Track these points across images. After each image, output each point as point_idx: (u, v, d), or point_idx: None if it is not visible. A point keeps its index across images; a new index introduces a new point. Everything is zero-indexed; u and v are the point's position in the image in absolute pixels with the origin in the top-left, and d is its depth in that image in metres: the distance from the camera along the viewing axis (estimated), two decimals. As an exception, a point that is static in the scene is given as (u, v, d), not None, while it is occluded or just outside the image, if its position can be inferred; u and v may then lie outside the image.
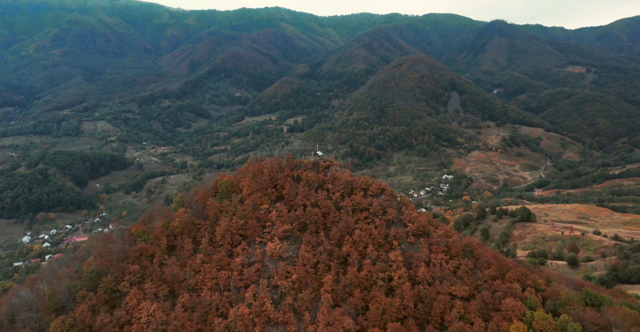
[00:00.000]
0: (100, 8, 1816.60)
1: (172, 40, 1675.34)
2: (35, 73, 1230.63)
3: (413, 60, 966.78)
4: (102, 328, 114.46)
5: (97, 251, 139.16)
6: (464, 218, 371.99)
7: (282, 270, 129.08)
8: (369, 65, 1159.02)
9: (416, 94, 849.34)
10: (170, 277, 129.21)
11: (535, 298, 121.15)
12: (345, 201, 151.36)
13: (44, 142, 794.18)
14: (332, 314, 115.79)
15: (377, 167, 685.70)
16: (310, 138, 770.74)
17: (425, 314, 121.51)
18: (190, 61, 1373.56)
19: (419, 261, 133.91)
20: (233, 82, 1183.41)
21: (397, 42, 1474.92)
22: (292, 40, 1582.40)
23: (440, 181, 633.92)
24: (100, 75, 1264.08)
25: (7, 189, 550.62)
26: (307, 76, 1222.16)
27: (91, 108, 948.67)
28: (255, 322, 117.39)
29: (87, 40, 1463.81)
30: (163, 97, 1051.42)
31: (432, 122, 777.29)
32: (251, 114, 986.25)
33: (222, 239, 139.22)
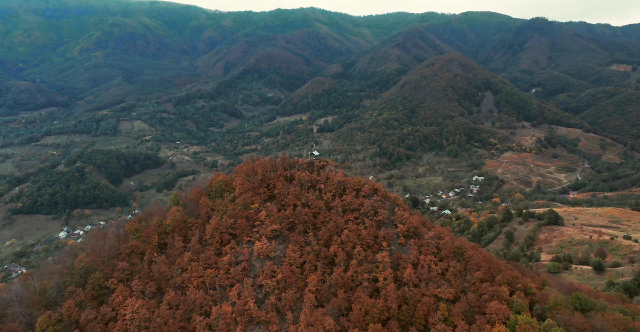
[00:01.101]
0: (141, 11, 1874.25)
1: (208, 41, 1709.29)
2: (78, 74, 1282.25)
3: (446, 59, 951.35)
4: (87, 324, 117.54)
5: (89, 248, 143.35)
6: (488, 220, 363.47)
7: (268, 269, 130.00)
8: (402, 64, 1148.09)
9: (448, 94, 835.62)
10: (157, 274, 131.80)
11: (521, 302, 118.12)
12: (335, 201, 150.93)
13: (83, 141, 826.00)
14: (314, 315, 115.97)
15: (405, 168, 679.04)
16: (340, 138, 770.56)
17: (409, 316, 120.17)
18: (225, 62, 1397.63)
19: (407, 262, 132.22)
20: (266, 83, 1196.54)
21: (432, 41, 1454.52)
22: (325, 41, 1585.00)
23: (470, 182, 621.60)
24: (139, 76, 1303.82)
25: (46, 186, 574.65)
26: (340, 76, 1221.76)
27: (129, 108, 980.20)
28: (238, 321, 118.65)
29: (127, 42, 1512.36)
30: (198, 97, 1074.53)
31: (464, 122, 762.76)
32: (282, 114, 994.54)
33: (212, 237, 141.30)
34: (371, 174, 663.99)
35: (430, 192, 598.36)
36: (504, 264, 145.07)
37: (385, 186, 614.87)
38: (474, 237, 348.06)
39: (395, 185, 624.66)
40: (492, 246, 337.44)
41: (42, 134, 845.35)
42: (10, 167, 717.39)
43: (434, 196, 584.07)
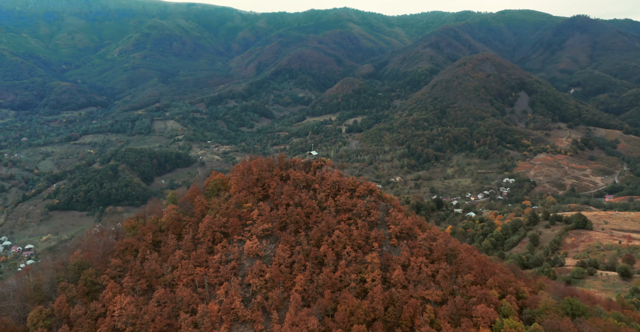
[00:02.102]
0: (178, 13, 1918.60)
1: (242, 42, 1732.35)
2: (117, 75, 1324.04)
3: (479, 59, 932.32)
4: (76, 319, 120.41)
5: (84, 244, 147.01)
6: (513, 223, 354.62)
7: (257, 268, 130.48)
8: (435, 64, 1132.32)
9: (480, 94, 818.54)
10: (148, 272, 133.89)
11: (510, 305, 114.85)
12: (328, 201, 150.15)
13: (119, 140, 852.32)
14: (300, 315, 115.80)
15: (434, 169, 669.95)
16: (368, 138, 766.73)
17: (395, 318, 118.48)
18: (258, 62, 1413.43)
19: (397, 263, 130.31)
20: (297, 83, 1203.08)
21: (467, 40, 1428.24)
22: (358, 41, 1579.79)
23: (500, 184, 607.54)
24: (174, 77, 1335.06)
25: (82, 184, 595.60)
26: (371, 76, 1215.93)
27: (163, 108, 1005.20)
28: (223, 319, 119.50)
29: (164, 43, 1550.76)
30: (230, 97, 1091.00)
31: (496, 123, 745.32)
32: (312, 114, 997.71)
33: (204, 236, 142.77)
34: (398, 174, 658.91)
35: (459, 194, 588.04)
36: (500, 268, 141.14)
37: (412, 187, 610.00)
38: (497, 240, 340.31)
39: (423, 186, 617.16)
40: (515, 249, 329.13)
41: (80, 133, 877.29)
42: (50, 164, 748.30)
43: (462, 197, 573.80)
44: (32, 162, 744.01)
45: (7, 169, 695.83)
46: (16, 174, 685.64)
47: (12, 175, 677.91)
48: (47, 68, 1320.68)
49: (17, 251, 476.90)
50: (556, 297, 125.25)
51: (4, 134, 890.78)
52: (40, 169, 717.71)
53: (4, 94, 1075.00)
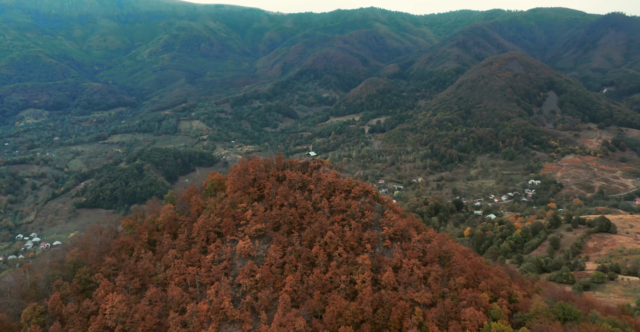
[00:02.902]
0: (207, 14, 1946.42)
1: (269, 43, 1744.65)
2: (146, 76, 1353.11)
3: (505, 58, 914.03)
4: (68, 317, 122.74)
5: (81, 242, 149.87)
6: (533, 226, 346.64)
7: (248, 269, 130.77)
8: (461, 64, 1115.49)
9: (506, 94, 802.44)
10: (142, 271, 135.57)
11: (500, 309, 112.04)
12: (322, 202, 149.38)
13: (146, 139, 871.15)
14: (288, 315, 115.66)
15: (457, 170, 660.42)
16: (390, 139, 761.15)
17: (384, 320, 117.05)
18: (283, 63, 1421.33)
19: (388, 265, 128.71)
20: (322, 83, 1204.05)
21: (495, 39, 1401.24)
22: (384, 40, 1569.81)
23: (525, 186, 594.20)
24: (201, 77, 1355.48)
25: (108, 182, 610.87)
26: (396, 76, 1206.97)
27: (189, 108, 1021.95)
28: (212, 318, 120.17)
29: (192, 44, 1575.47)
30: (254, 98, 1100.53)
31: (523, 123, 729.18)
32: (336, 115, 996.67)
33: (198, 235, 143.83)
34: (420, 175, 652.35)
35: (482, 196, 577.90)
36: (496, 271, 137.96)
37: (434, 188, 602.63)
38: (516, 243, 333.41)
39: (445, 187, 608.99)
40: (535, 252, 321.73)
41: (109, 132, 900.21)
42: (79, 163, 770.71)
43: (485, 199, 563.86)
44: (62, 160, 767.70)
45: (39, 168, 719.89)
46: (47, 172, 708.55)
47: (44, 173, 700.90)
48: (80, 69, 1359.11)
49: (46, 247, 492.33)
50: (550, 301, 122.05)
51: (38, 133, 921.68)
52: (70, 168, 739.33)
53: (39, 94, 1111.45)
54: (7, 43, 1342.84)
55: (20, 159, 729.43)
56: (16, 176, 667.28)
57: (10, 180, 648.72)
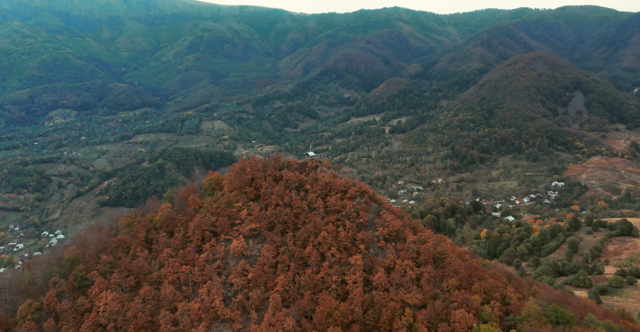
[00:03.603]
0: (231, 15, 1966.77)
1: (291, 43, 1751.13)
2: (171, 77, 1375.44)
3: (530, 57, 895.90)
4: (62, 314, 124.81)
5: (79, 240, 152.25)
6: (552, 229, 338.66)
7: (240, 268, 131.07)
8: (485, 64, 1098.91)
9: (531, 94, 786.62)
10: (136, 269, 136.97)
11: (491, 311, 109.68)
12: (318, 202, 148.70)
13: (169, 139, 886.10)
14: (277, 315, 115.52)
15: (478, 171, 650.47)
16: (411, 139, 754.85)
17: (374, 321, 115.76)
18: (305, 63, 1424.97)
19: (381, 266, 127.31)
20: (343, 83, 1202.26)
21: (521, 38, 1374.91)
22: (407, 40, 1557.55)
23: (548, 187, 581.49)
24: (224, 78, 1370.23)
25: (130, 181, 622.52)
26: (419, 76, 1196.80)
27: (211, 108, 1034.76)
28: (203, 317, 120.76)
29: (216, 45, 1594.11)
30: (276, 98, 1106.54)
31: (547, 124, 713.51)
32: (357, 115, 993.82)
33: (193, 234, 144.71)
34: (440, 176, 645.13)
35: (503, 197, 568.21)
36: (492, 273, 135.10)
37: (454, 189, 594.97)
38: (533, 245, 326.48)
39: (465, 188, 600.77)
40: (553, 255, 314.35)
41: (133, 132, 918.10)
42: (104, 162, 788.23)
43: (506, 201, 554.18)
44: (88, 160, 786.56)
45: (66, 166, 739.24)
46: (73, 171, 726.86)
47: (70, 172, 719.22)
48: (107, 70, 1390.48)
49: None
50: (544, 304, 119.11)
51: (66, 133, 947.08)
52: (95, 167, 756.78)
53: (67, 95, 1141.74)
54: (39, 45, 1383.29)
55: (47, 158, 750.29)
56: (43, 174, 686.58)
57: (38, 178, 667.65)
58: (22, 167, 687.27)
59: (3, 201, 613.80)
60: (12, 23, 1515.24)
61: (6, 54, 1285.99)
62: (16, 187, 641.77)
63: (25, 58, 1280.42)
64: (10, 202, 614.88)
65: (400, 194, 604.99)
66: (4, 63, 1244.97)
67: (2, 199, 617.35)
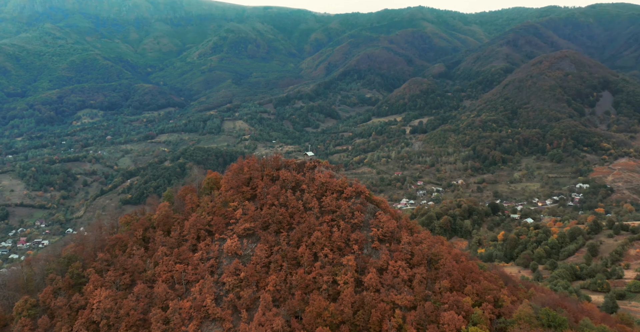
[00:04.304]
0: (255, 16, 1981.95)
1: (314, 43, 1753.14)
2: (195, 77, 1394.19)
3: (556, 57, 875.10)
4: (57, 310, 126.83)
5: (78, 238, 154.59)
6: (571, 231, 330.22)
7: (233, 267, 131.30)
8: (510, 63, 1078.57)
9: (556, 94, 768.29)
10: (131, 267, 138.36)
11: (481, 313, 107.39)
12: (313, 202, 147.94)
13: (191, 138, 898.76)
14: (267, 315, 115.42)
15: (500, 172, 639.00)
16: (431, 140, 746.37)
17: (364, 322, 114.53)
18: (328, 63, 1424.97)
19: (373, 266, 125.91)
20: (365, 83, 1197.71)
21: (549, 37, 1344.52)
22: (430, 40, 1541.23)
23: (572, 189, 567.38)
24: (247, 78, 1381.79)
25: (152, 180, 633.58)
26: (442, 76, 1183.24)
27: (233, 108, 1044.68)
28: (193, 316, 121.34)
29: (240, 46, 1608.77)
30: (297, 98, 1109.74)
31: (573, 124, 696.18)
32: (378, 115, 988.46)
33: (188, 233, 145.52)
34: (461, 177, 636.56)
35: (525, 199, 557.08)
36: (488, 275, 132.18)
37: (474, 190, 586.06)
38: (551, 248, 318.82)
39: (486, 190, 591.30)
40: (571, 259, 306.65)
41: (157, 132, 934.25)
42: (128, 161, 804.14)
43: (528, 203, 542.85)
44: (113, 159, 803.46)
45: (91, 165, 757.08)
46: (98, 169, 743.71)
47: (95, 170, 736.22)
48: (134, 71, 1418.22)
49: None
50: (538, 307, 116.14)
51: (92, 132, 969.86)
52: (119, 166, 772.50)
53: (95, 95, 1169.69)
54: (69, 46, 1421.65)
55: (74, 157, 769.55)
56: (69, 172, 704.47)
57: (64, 176, 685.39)
58: (49, 166, 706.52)
59: (30, 199, 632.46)
60: (44, 25, 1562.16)
61: (38, 55, 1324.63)
62: (43, 185, 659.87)
63: (55, 59, 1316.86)
64: (37, 199, 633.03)
65: (419, 195, 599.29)
66: (36, 64, 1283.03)
67: (30, 197, 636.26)
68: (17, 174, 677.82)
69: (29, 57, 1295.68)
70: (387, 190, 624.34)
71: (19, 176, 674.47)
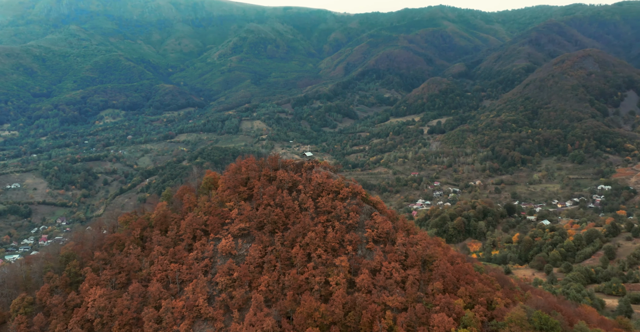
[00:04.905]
0: (275, 17, 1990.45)
1: (334, 43, 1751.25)
2: (214, 77, 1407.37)
3: (579, 55, 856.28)
4: (52, 308, 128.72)
5: (76, 237, 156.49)
6: (588, 234, 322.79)
7: (226, 267, 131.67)
8: (532, 62, 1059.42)
9: (578, 94, 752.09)
10: (127, 266, 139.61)
11: (472, 316, 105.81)
12: (308, 202, 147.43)
13: (209, 138, 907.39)
14: (258, 315, 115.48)
15: (519, 173, 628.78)
16: (449, 140, 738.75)
17: (355, 323, 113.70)
18: (346, 63, 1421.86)
19: (366, 267, 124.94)
20: (383, 83, 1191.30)
21: (573, 36, 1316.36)
22: (451, 39, 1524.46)
23: (593, 191, 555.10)
24: (265, 78, 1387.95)
25: (169, 179, 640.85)
26: (462, 76, 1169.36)
27: (251, 109, 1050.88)
28: (185, 315, 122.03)
29: (259, 46, 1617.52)
30: (315, 98, 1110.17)
31: (595, 125, 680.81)
32: (396, 115, 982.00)
33: (184, 233, 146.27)
34: (479, 178, 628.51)
35: (544, 201, 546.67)
36: (484, 277, 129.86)
37: (492, 191, 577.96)
38: (567, 251, 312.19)
39: (505, 191, 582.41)
40: (587, 262, 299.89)
41: (176, 131, 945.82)
42: (147, 161, 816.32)
43: (548, 204, 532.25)
44: (133, 158, 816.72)
45: (112, 164, 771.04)
46: (118, 168, 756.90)
47: (115, 170, 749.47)
48: (155, 71, 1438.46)
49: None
50: (530, 310, 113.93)
51: (114, 132, 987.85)
52: (139, 165, 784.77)
53: (117, 95, 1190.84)
54: (93, 48, 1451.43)
55: (95, 156, 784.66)
56: (90, 171, 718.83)
57: (85, 175, 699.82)
58: (71, 165, 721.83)
59: (52, 197, 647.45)
60: (70, 27, 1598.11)
61: (63, 56, 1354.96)
62: (65, 183, 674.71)
63: (80, 60, 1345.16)
64: (59, 198, 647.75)
65: (435, 195, 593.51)
66: (61, 65, 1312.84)
67: (52, 195, 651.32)
68: (40, 172, 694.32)
69: (54, 58, 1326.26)
70: (403, 190, 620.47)
71: (42, 174, 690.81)
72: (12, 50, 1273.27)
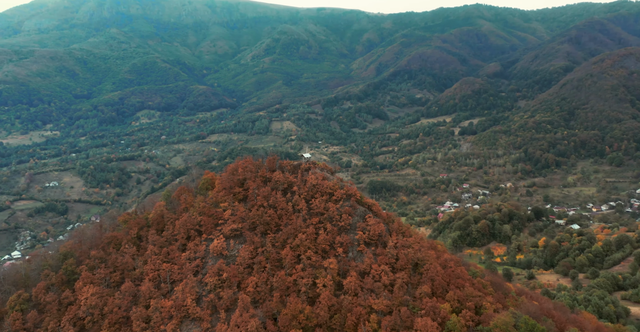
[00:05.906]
0: (308, 18, 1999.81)
1: (366, 44, 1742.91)
2: (247, 79, 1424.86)
3: (620, 54, 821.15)
4: (47, 306, 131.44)
5: (76, 235, 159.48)
6: (618, 239, 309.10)
7: (216, 268, 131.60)
8: (571, 61, 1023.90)
9: (619, 94, 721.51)
10: (122, 265, 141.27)
11: (456, 320, 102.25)
12: (301, 204, 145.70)
13: (240, 139, 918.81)
14: (244, 316, 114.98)
15: (553, 176, 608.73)
16: (480, 141, 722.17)
17: (340, 325, 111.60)
18: (378, 64, 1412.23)
19: (355, 270, 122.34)
20: (415, 84, 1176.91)
21: (616, 34, 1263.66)
22: (486, 38, 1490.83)
23: (631, 195, 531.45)
24: (297, 79, 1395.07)
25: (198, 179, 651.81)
26: (497, 75, 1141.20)
27: (281, 109, 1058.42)
28: (173, 315, 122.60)
29: (292, 48, 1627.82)
30: (346, 99, 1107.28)
31: (636, 126, 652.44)
32: (427, 116, 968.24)
33: (178, 233, 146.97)
34: (510, 180, 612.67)
35: (578, 204, 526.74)
36: (477, 281, 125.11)
37: (523, 194, 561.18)
38: (595, 256, 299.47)
39: (537, 194, 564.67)
40: (616, 268, 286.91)
41: (208, 132, 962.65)
42: (179, 160, 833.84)
43: (582, 208, 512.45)
44: (165, 158, 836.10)
45: (145, 164, 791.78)
46: (151, 168, 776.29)
47: (148, 169, 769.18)
48: (190, 73, 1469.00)
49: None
50: (519, 315, 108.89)
51: (149, 132, 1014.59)
52: (170, 165, 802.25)
53: (153, 96, 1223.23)
54: (131, 50, 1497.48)
55: (129, 156, 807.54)
56: (124, 170, 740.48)
57: (119, 174, 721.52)
58: (106, 164, 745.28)
59: (88, 195, 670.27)
60: (110, 30, 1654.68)
61: (103, 59, 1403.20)
62: (100, 182, 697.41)
63: (119, 62, 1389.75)
64: (94, 196, 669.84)
65: (464, 198, 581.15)
66: (101, 67, 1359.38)
67: (87, 193, 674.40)
68: (77, 171, 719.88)
69: (95, 61, 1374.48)
70: (430, 192, 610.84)
71: (79, 173, 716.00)
72: (56, 53, 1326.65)
